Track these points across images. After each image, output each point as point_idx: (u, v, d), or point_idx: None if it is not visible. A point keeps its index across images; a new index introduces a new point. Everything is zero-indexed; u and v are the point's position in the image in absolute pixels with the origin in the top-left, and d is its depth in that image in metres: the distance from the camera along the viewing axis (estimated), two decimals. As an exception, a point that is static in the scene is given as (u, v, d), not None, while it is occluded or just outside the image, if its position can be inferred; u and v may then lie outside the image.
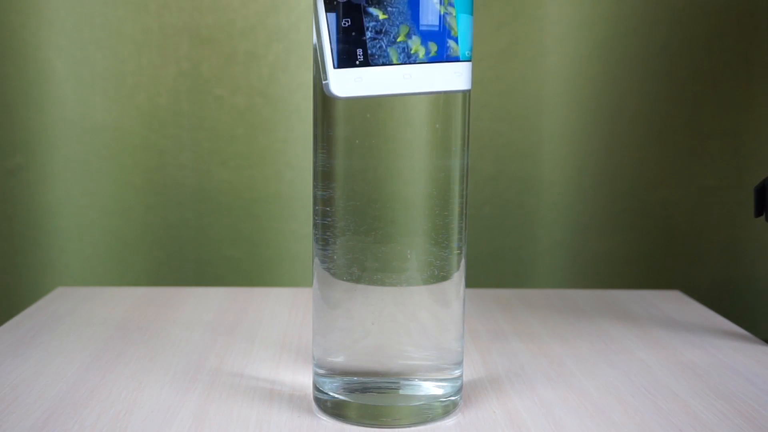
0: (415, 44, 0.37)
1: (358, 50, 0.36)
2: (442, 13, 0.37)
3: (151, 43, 0.71)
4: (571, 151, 0.73)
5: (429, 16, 0.37)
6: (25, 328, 0.54)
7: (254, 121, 0.72)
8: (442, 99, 0.39)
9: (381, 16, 0.36)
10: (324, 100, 0.39)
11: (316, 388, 0.41)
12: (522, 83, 0.72)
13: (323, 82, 0.37)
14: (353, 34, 0.36)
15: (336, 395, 0.40)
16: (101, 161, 0.72)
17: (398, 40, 0.37)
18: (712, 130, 0.73)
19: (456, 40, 0.37)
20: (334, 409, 0.40)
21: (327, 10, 0.36)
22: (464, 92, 0.39)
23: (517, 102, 0.73)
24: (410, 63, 0.37)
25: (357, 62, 0.36)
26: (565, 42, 0.72)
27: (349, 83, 0.37)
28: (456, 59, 0.37)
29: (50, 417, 0.40)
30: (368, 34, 0.36)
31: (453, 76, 0.38)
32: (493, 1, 0.71)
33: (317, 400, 0.41)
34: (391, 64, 0.37)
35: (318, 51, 0.38)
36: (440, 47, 0.37)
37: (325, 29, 0.37)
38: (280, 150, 0.72)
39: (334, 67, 0.37)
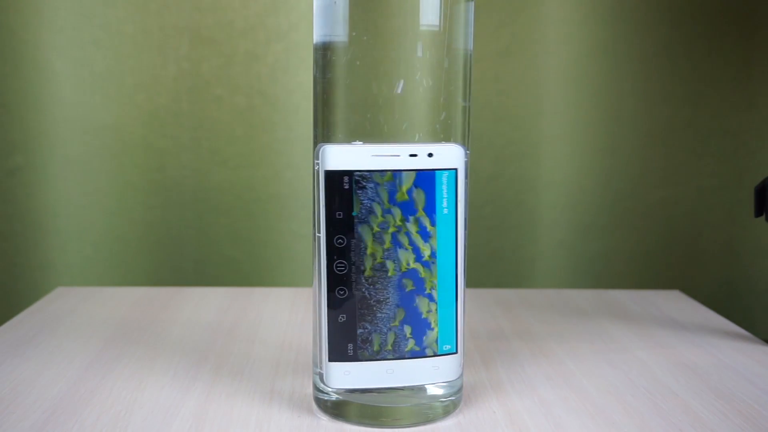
0: (396, 339, 0.39)
1: (348, 345, 0.38)
2: (425, 310, 0.39)
3: (151, 43, 0.71)
4: (571, 151, 0.73)
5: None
6: (25, 328, 0.54)
7: (254, 121, 0.72)
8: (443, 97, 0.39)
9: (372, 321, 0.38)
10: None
11: (316, 388, 0.41)
12: (522, 83, 0.72)
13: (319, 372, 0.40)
14: (346, 329, 0.38)
15: (336, 395, 0.40)
16: (101, 161, 0.72)
17: (386, 333, 0.38)
18: (712, 130, 0.73)
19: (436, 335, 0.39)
20: (334, 409, 0.40)
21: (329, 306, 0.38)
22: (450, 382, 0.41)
23: (517, 102, 0.73)
24: (393, 359, 0.39)
25: (347, 356, 0.38)
26: (565, 42, 0.72)
27: (339, 376, 0.38)
28: (434, 354, 0.39)
29: (50, 417, 0.40)
30: (359, 330, 0.38)
31: (432, 371, 0.39)
32: (493, 1, 0.71)
33: (317, 400, 0.41)
34: (375, 359, 0.38)
35: (315, 338, 0.40)
36: (421, 343, 0.39)
37: (324, 324, 0.38)
38: (279, 150, 0.72)
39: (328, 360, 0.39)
